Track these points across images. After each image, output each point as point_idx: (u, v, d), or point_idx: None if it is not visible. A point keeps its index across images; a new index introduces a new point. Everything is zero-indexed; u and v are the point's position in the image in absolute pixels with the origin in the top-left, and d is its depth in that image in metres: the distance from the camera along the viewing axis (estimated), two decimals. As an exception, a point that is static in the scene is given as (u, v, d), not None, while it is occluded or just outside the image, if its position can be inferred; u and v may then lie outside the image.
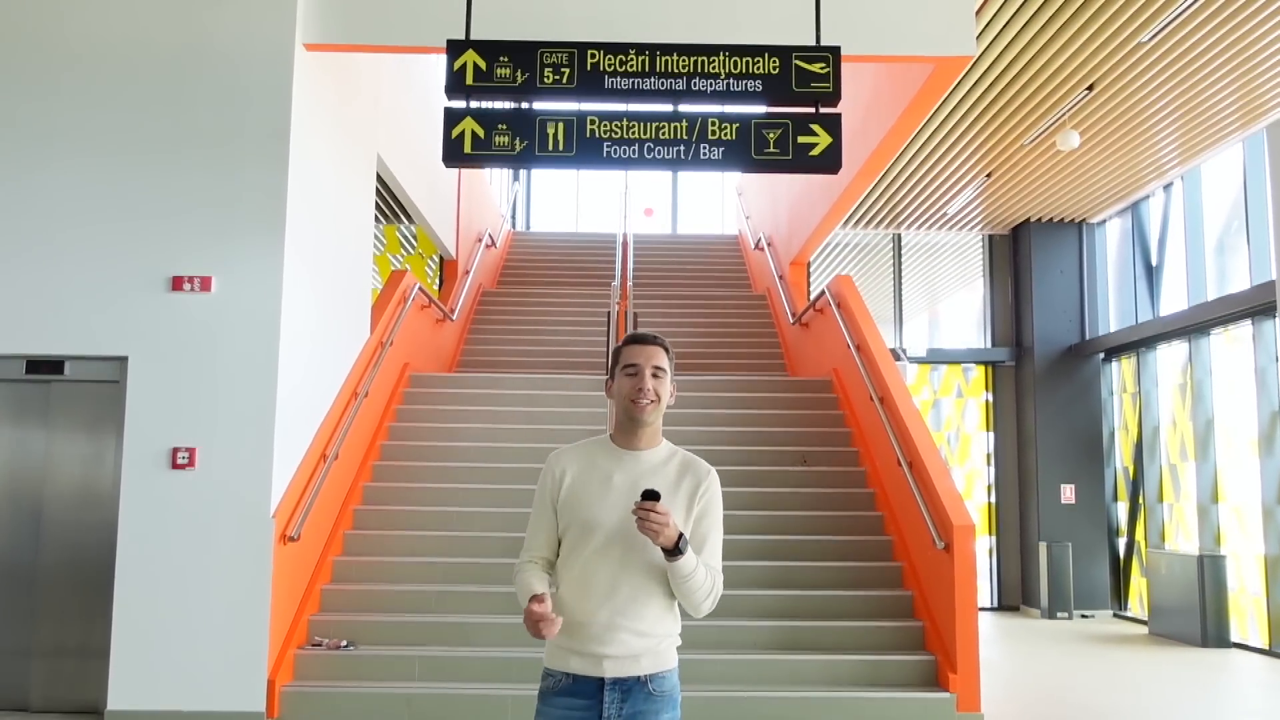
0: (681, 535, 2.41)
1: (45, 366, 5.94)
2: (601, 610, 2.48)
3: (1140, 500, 12.24)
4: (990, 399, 13.58)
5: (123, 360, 5.91)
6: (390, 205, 10.56)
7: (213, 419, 5.85)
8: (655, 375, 2.59)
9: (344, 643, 6.28)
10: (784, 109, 5.11)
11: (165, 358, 5.88)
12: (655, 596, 2.51)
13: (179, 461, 5.79)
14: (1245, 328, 10.26)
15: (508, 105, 5.13)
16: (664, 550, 2.41)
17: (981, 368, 13.68)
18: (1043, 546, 12.30)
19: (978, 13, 7.00)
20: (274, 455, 5.87)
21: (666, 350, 2.64)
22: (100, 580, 5.80)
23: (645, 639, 2.50)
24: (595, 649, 2.49)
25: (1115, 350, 12.61)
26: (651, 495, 2.37)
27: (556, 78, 5.06)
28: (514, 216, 17.85)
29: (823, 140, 5.02)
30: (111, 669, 5.65)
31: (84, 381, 5.97)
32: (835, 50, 5.11)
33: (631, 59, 5.08)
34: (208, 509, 5.77)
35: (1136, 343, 12.00)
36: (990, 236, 13.76)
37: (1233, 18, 7.06)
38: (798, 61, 5.08)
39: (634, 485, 2.52)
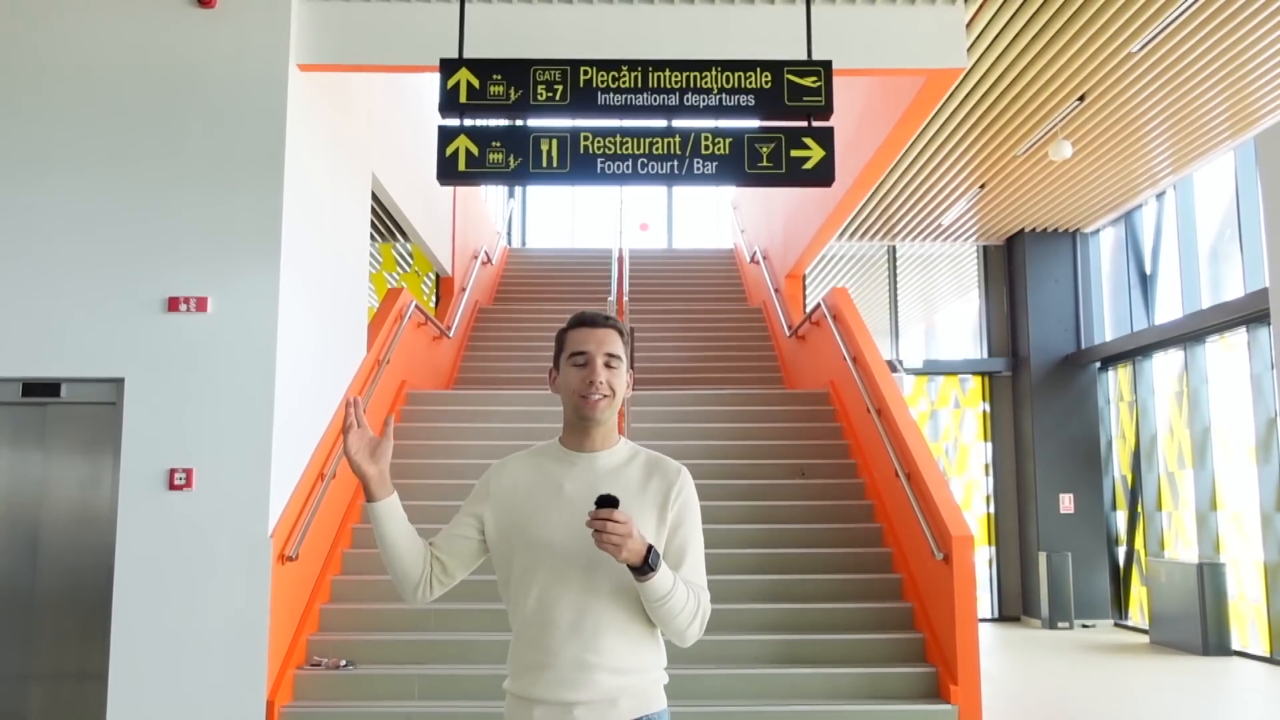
0: (651, 548, 1.99)
1: (41, 389, 5.93)
2: (567, 647, 2.06)
3: (1139, 509, 12.24)
4: (987, 409, 13.59)
5: (119, 382, 5.91)
6: (386, 223, 10.59)
7: (210, 439, 5.84)
8: (609, 365, 2.18)
9: (343, 662, 6.26)
10: (777, 123, 5.14)
11: (162, 379, 5.88)
12: (631, 623, 2.10)
13: (176, 482, 5.78)
14: (1240, 335, 10.29)
15: (502, 122, 5.15)
16: (631, 568, 1.99)
17: (978, 378, 13.70)
18: (1042, 556, 12.29)
19: (968, 25, 7.04)
20: (271, 475, 5.86)
21: (622, 334, 2.22)
22: (98, 602, 5.78)
23: (624, 676, 2.08)
24: (564, 695, 2.05)
25: (1111, 359, 12.63)
26: (608, 502, 1.97)
27: (550, 94, 5.09)
28: (510, 233, 17.88)
29: (815, 153, 5.05)
30: (110, 692, 5.62)
31: (80, 404, 5.96)
32: (827, 64, 5.14)
33: (624, 75, 5.10)
34: (205, 529, 5.76)
35: (1132, 351, 12.02)
36: (985, 247, 13.80)
37: (1222, 27, 7.10)
38: (790, 75, 5.10)
39: (589, 494, 2.09)
